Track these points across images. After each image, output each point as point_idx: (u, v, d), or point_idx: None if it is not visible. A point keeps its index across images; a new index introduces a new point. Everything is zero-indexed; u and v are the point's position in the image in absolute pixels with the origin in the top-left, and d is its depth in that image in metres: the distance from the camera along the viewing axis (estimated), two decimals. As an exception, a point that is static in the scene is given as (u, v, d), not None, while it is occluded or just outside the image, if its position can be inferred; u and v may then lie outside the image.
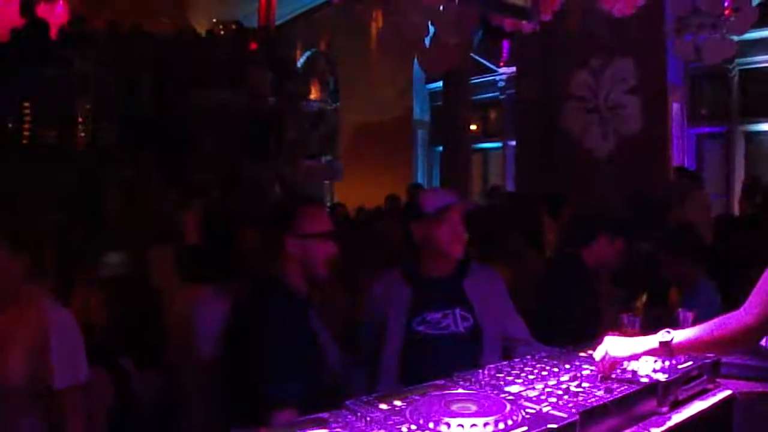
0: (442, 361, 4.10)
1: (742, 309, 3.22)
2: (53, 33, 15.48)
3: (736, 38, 12.06)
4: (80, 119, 15.93)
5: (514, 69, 20.30)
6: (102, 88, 16.40)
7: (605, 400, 3.14)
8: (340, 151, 22.52)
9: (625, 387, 3.35)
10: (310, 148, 20.43)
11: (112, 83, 16.67)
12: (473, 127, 21.71)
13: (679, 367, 3.70)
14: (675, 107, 17.11)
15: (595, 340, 3.79)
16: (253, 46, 20.88)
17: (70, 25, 18.15)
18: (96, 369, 4.60)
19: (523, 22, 5.21)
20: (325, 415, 2.92)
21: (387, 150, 23.67)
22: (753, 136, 18.01)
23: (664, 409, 3.48)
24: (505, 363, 3.70)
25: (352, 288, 7.38)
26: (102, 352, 4.79)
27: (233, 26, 22.44)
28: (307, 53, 23.57)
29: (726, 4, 11.42)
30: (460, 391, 3.21)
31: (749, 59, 16.85)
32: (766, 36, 14.95)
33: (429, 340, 4.65)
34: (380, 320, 4.75)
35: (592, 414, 3.02)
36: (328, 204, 17.44)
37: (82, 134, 15.87)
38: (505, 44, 21.12)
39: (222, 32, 22.44)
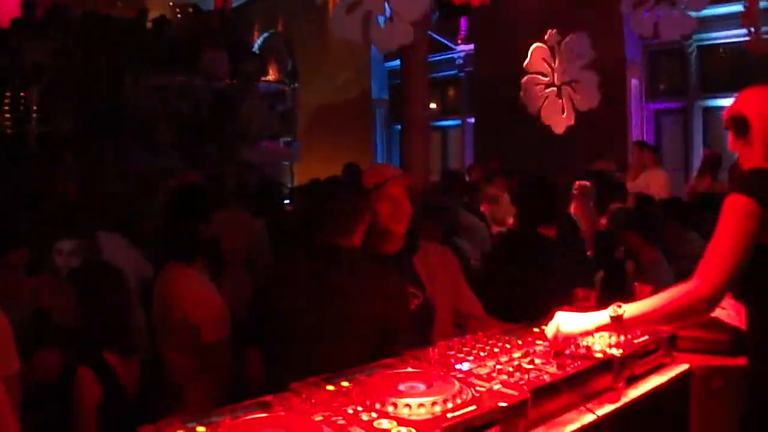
0: None
1: (691, 280, 3.27)
2: (4, 22, 15.36)
3: (694, 14, 12.04)
4: (34, 107, 15.76)
5: (471, 46, 20.28)
6: (56, 75, 16.27)
7: (557, 377, 3.07)
8: (299, 132, 22.45)
9: (579, 363, 3.28)
10: (269, 130, 20.35)
11: (66, 70, 16.53)
12: (432, 105, 21.68)
13: (635, 341, 3.64)
14: (633, 83, 17.14)
15: (549, 316, 3.74)
16: (210, 28, 20.80)
17: (21, 11, 18.04)
18: (81, 369, 4.53)
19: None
20: (270, 397, 2.85)
21: (346, 130, 23.58)
22: (711, 112, 18.05)
23: (620, 385, 3.41)
24: (456, 340, 3.63)
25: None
26: (84, 350, 4.69)
27: (190, 9, 22.36)
28: (265, 34, 23.49)
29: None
30: (409, 370, 3.14)
31: (707, 35, 16.88)
32: (723, 13, 14.95)
33: None
34: None
35: (543, 391, 2.96)
36: (289, 185, 17.42)
37: (36, 123, 15.71)
38: (463, 21, 21.08)
39: (179, 16, 22.36)
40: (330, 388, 2.90)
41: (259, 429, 2.52)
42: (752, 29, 12.11)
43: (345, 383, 2.94)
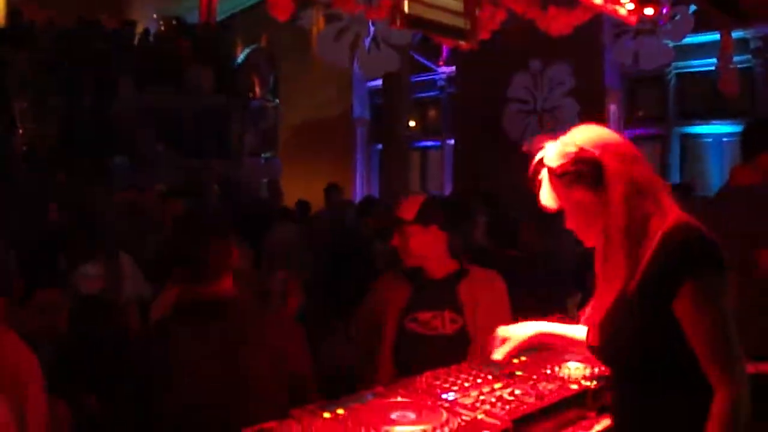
0: (429, 360, 4.17)
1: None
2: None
3: (672, 43, 12.26)
4: (18, 121, 15.69)
5: (453, 68, 20.44)
6: (41, 87, 16.24)
7: (536, 407, 3.28)
8: (280, 149, 22.52)
9: (556, 394, 3.48)
10: (250, 146, 20.44)
11: (51, 82, 16.51)
12: (412, 124, 21.81)
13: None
14: (612, 109, 17.31)
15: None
16: (193, 42, 20.82)
17: (7, 21, 17.98)
18: (57, 401, 4.63)
19: (461, 42, 5.31)
20: (273, 423, 3.04)
21: (327, 147, 23.68)
22: (688, 139, 18.31)
23: (593, 414, 3.59)
24: (441, 371, 3.81)
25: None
26: (64, 385, 4.79)
27: (174, 22, 22.35)
28: (248, 50, 23.51)
29: (664, 10, 11.60)
30: (399, 399, 3.34)
31: (685, 63, 17.13)
32: (701, 41, 15.18)
33: (418, 339, 4.77)
34: (380, 316, 4.87)
35: (524, 420, 3.16)
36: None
37: (21, 135, 15.65)
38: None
39: (162, 28, 22.32)
40: (326, 415, 3.10)
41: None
42: (725, 66, 12.32)
43: (340, 411, 3.15)
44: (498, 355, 3.69)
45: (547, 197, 3.22)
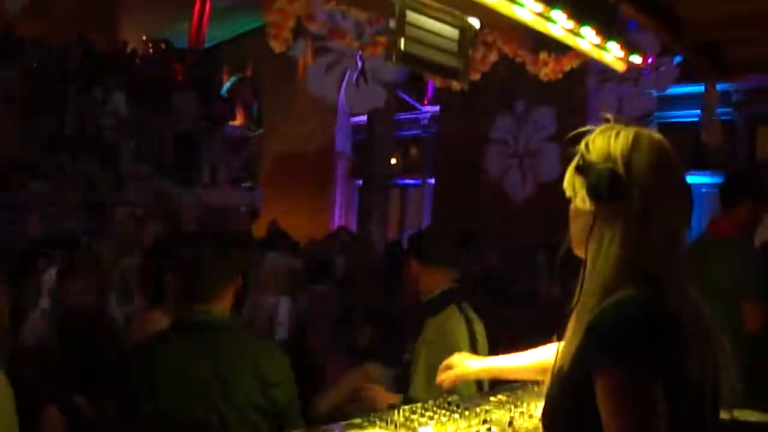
0: None
1: None
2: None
3: (656, 93, 12.36)
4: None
5: (437, 108, 20.55)
6: (27, 103, 16.24)
7: (512, 445, 3.33)
8: (261, 179, 22.55)
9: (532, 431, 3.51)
10: (231, 174, 20.47)
11: (37, 98, 16.52)
12: (393, 161, 21.88)
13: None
14: (594, 158, 17.39)
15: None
16: (180, 67, 20.91)
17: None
18: (49, 406, 4.66)
19: (453, 81, 5.41)
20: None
21: (307, 180, 23.70)
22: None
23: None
24: (418, 405, 3.85)
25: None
26: (55, 391, 4.83)
27: (162, 45, 22.44)
28: (233, 78, 23.58)
29: (650, 60, 11.67)
30: (378, 430, 3.37)
31: (668, 113, 17.23)
32: (683, 92, 15.30)
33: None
34: None
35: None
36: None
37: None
38: (430, 83, 21.33)
39: (151, 50, 22.42)
40: (305, 444, 3.13)
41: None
42: (709, 118, 12.36)
43: (318, 439, 3.18)
44: (441, 378, 3.80)
45: (566, 182, 2.63)
